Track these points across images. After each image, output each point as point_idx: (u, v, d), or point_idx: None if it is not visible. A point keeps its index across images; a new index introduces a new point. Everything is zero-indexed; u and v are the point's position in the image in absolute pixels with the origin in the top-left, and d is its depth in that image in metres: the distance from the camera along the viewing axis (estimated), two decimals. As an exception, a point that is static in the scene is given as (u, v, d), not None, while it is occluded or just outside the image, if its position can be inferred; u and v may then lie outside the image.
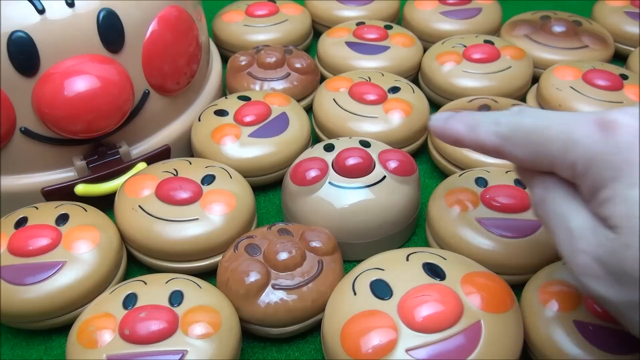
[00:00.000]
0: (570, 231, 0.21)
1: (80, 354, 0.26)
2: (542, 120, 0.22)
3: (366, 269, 0.28)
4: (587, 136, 0.20)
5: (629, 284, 0.19)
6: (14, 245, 0.30)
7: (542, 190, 0.23)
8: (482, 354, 0.24)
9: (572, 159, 0.21)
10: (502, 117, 0.24)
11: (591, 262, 0.20)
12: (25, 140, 0.34)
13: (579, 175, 0.21)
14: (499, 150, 0.24)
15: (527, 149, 0.23)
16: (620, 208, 0.19)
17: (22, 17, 0.31)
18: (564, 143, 0.21)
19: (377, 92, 0.40)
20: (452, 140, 0.27)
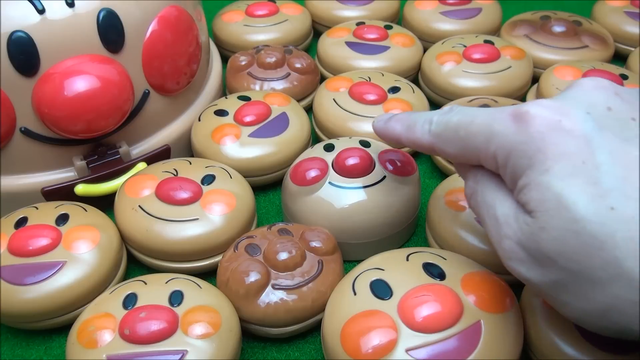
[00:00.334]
0: (496, 219, 0.23)
1: (80, 354, 0.26)
2: (467, 116, 0.24)
3: (366, 269, 0.28)
4: (504, 128, 0.22)
5: (548, 266, 0.21)
6: (14, 245, 0.30)
7: (472, 183, 0.25)
8: (482, 354, 0.24)
9: (493, 151, 0.22)
10: (434, 115, 0.26)
11: (514, 246, 0.22)
12: (25, 140, 0.34)
13: (500, 165, 0.22)
14: (432, 148, 0.26)
15: (456, 144, 0.24)
16: (535, 193, 0.21)
17: (22, 17, 0.31)
18: (485, 136, 0.22)
19: (377, 92, 0.40)
20: (392, 139, 0.29)
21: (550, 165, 0.20)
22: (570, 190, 0.20)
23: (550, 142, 0.20)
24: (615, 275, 0.19)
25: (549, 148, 0.20)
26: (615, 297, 0.19)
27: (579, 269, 0.20)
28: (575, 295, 0.20)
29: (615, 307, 0.20)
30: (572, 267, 0.20)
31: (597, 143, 0.20)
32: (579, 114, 0.21)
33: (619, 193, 0.19)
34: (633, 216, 0.19)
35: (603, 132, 0.20)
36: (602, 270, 0.19)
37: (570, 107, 0.21)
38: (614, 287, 0.19)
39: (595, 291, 0.20)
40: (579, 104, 0.21)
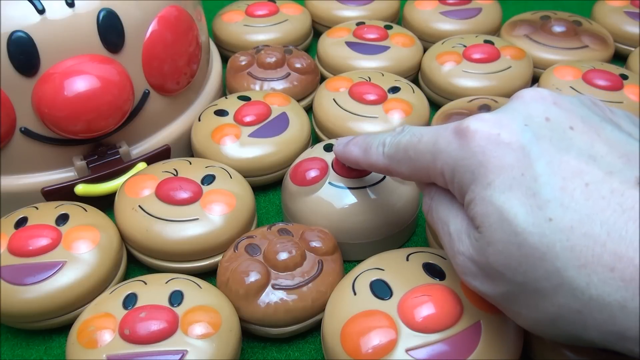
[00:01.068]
0: (449, 235, 0.23)
1: (80, 354, 0.26)
2: (415, 136, 0.24)
3: (366, 269, 0.28)
4: (447, 144, 0.22)
5: (498, 279, 0.21)
6: (14, 245, 0.30)
7: (428, 199, 0.25)
8: (482, 354, 0.24)
9: (439, 168, 0.23)
10: (387, 137, 0.26)
11: (467, 262, 0.22)
12: (25, 140, 0.34)
13: (448, 181, 0.23)
14: (387, 170, 0.26)
15: (407, 164, 0.25)
16: (479, 208, 0.21)
17: (22, 17, 0.31)
18: (432, 154, 0.23)
19: (377, 92, 0.40)
20: (352, 163, 0.30)
21: (492, 179, 0.20)
22: (511, 204, 0.20)
23: (491, 156, 0.21)
24: (557, 285, 0.19)
25: (489, 162, 0.21)
26: (561, 307, 0.19)
27: (524, 280, 0.20)
28: (525, 306, 0.21)
29: (562, 316, 0.20)
30: (518, 279, 0.20)
31: (536, 154, 0.20)
32: (517, 126, 0.21)
33: (556, 203, 0.19)
34: (571, 226, 0.19)
35: (541, 142, 0.20)
36: (545, 280, 0.19)
37: (509, 120, 0.21)
38: (559, 297, 0.19)
39: (542, 301, 0.20)
40: (517, 116, 0.21)
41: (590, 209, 0.19)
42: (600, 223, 0.18)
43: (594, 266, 0.18)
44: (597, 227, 0.18)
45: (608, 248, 0.18)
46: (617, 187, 0.19)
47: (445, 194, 0.24)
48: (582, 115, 0.21)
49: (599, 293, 0.18)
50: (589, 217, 0.19)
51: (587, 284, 0.19)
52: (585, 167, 0.20)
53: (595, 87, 0.40)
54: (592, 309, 0.19)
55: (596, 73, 0.41)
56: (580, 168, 0.20)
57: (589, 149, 0.20)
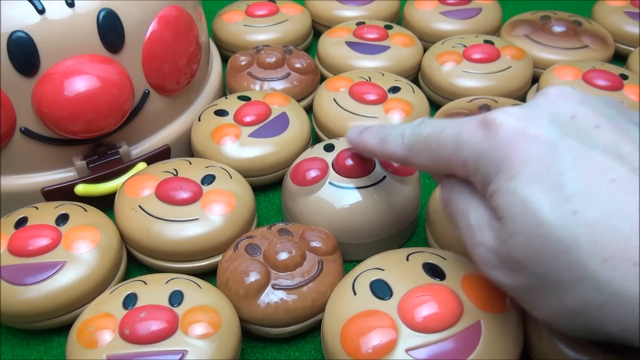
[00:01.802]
0: (470, 226, 0.23)
1: (80, 354, 0.26)
2: (437, 128, 0.24)
3: (366, 269, 0.28)
4: (472, 136, 0.22)
5: (519, 270, 0.21)
6: (14, 245, 0.30)
7: (447, 191, 0.25)
8: (482, 354, 0.24)
9: (463, 159, 0.23)
10: (406, 129, 0.26)
11: (488, 253, 0.22)
12: (25, 140, 0.34)
13: (471, 173, 0.23)
14: (406, 160, 0.26)
15: (428, 156, 0.25)
16: (503, 199, 0.21)
17: (22, 17, 0.31)
18: (455, 145, 0.23)
19: (377, 92, 0.40)
20: (366, 151, 0.29)
21: (516, 172, 0.21)
22: (536, 196, 0.20)
23: (517, 149, 0.21)
24: (580, 278, 0.19)
25: (515, 154, 0.21)
26: (583, 300, 0.20)
27: (546, 272, 0.20)
28: (545, 299, 0.21)
29: (583, 310, 0.20)
30: (540, 271, 0.20)
31: (562, 149, 0.20)
32: (544, 121, 0.21)
33: (582, 197, 0.19)
34: (596, 220, 0.19)
35: (567, 138, 0.21)
36: (568, 273, 0.19)
37: (536, 115, 0.21)
38: (580, 290, 0.19)
39: (563, 294, 0.20)
40: (544, 111, 0.22)
41: (615, 204, 0.19)
42: (625, 218, 0.19)
43: (618, 260, 0.18)
44: (622, 222, 0.19)
45: (632, 243, 0.18)
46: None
47: (465, 185, 0.24)
48: (607, 115, 0.21)
49: (621, 288, 0.18)
50: (614, 212, 0.19)
51: (610, 278, 0.19)
52: (611, 164, 0.20)
53: (595, 87, 0.40)
54: (614, 303, 0.19)
55: (596, 73, 0.41)
56: (606, 164, 0.20)
57: (614, 147, 0.20)
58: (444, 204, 0.26)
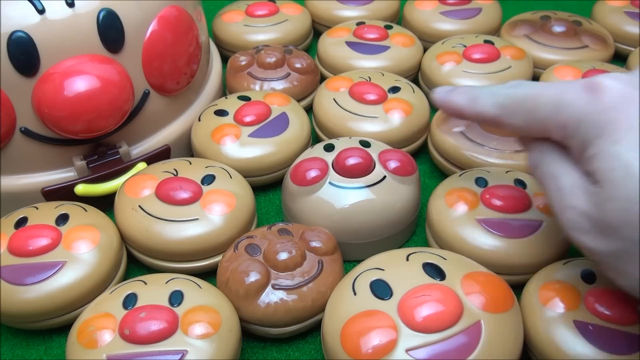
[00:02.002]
0: (560, 190, 0.23)
1: (80, 354, 0.26)
2: (535, 88, 0.24)
3: (366, 269, 0.28)
4: (576, 99, 0.22)
5: (612, 235, 0.21)
6: (14, 245, 0.30)
7: (537, 154, 0.25)
8: (482, 354, 0.24)
9: (562, 121, 0.23)
10: (500, 89, 0.26)
11: (578, 217, 0.22)
12: (25, 140, 0.34)
13: (569, 135, 0.23)
14: (497, 120, 0.26)
15: (523, 116, 0.24)
16: (603, 163, 0.21)
17: (22, 17, 0.31)
18: (555, 107, 0.23)
19: (377, 92, 0.40)
20: (454, 111, 0.29)
21: (620, 136, 0.20)
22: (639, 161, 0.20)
23: (623, 113, 0.21)
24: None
25: (620, 119, 0.21)
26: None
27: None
28: (637, 265, 0.21)
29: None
30: (635, 236, 0.20)
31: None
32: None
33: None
34: None
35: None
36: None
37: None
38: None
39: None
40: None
41: None
42: None
43: None
44: None
45: None
46: None
47: (556, 148, 0.24)
48: None
49: None
50: None
51: None
52: None
53: (595, 87, 0.40)
54: None
55: (596, 73, 0.41)
56: None
57: None
58: (532, 166, 0.25)
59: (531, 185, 0.33)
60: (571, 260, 0.29)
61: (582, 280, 0.28)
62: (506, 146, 0.36)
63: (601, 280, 0.28)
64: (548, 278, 0.28)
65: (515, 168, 0.35)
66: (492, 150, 0.36)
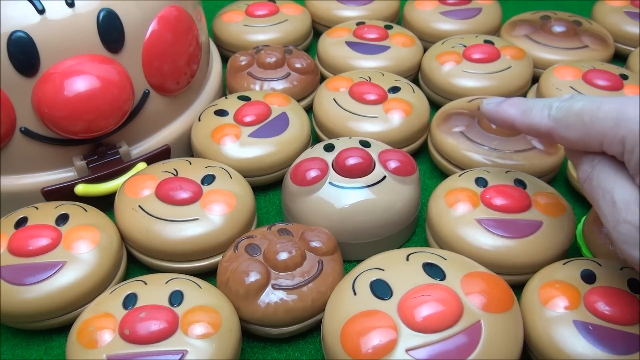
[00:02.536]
0: (614, 203, 0.23)
1: (80, 354, 0.26)
2: (593, 102, 0.24)
3: (366, 269, 0.28)
4: (637, 114, 0.22)
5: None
6: (14, 245, 0.30)
7: (588, 167, 0.25)
8: (482, 354, 0.24)
9: (622, 135, 0.23)
10: (554, 102, 0.26)
11: (633, 231, 0.22)
12: (25, 140, 0.34)
13: (627, 150, 0.23)
14: (551, 133, 0.26)
15: (578, 130, 0.24)
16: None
17: (22, 17, 0.31)
18: (615, 120, 0.23)
19: (377, 92, 0.40)
20: (505, 123, 0.29)
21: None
22: None
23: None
24: None
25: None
26: None
27: None
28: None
29: None
30: None
31: None
32: None
33: None
34: None
35: None
36: None
37: None
38: None
39: None
40: None
41: None
42: None
43: None
44: None
45: None
46: None
47: (611, 163, 0.24)
48: None
49: None
50: None
51: None
52: None
53: (595, 87, 0.40)
54: None
55: (596, 73, 0.41)
56: None
57: None
58: (582, 179, 0.25)
59: (531, 185, 0.33)
60: (571, 260, 0.29)
61: (582, 280, 0.28)
62: (506, 146, 0.36)
63: (601, 280, 0.28)
64: (548, 278, 0.28)
65: (515, 168, 0.35)
66: (492, 150, 0.36)
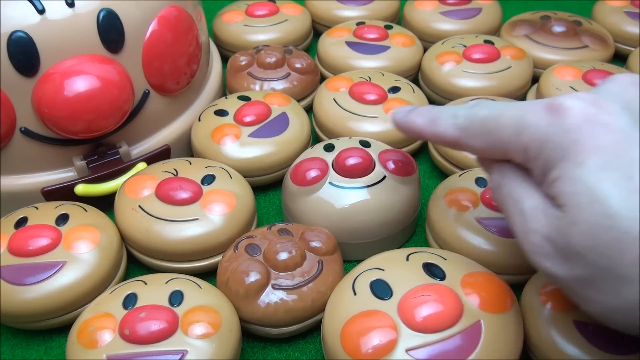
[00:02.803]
0: (522, 212, 0.22)
1: (80, 354, 0.26)
2: (496, 109, 0.23)
3: (366, 269, 0.28)
4: (538, 120, 0.21)
5: (576, 260, 0.20)
6: (14, 245, 0.30)
7: (498, 176, 0.24)
8: (482, 354, 0.24)
9: (524, 143, 0.22)
10: (459, 109, 0.25)
11: (541, 240, 0.21)
12: (25, 140, 0.34)
13: (531, 158, 0.22)
14: (457, 142, 0.25)
15: (483, 138, 0.24)
16: (567, 187, 0.20)
17: (22, 17, 0.31)
18: (517, 128, 0.22)
19: (377, 92, 0.40)
20: (414, 133, 0.28)
21: (584, 159, 0.20)
22: (604, 184, 0.19)
23: (586, 135, 0.20)
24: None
25: (584, 141, 0.20)
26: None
27: (608, 264, 0.19)
28: (602, 291, 0.20)
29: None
30: (601, 262, 0.19)
31: (633, 138, 0.20)
32: (615, 108, 0.21)
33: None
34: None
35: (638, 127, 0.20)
36: (633, 266, 0.19)
37: (607, 101, 0.21)
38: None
39: (624, 288, 0.19)
40: (614, 98, 0.21)
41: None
42: None
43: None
44: None
45: None
46: None
47: (518, 171, 0.23)
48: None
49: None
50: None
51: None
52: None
53: (595, 87, 0.40)
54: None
55: (596, 73, 0.41)
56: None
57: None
58: (493, 188, 0.25)
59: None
60: (571, 260, 0.29)
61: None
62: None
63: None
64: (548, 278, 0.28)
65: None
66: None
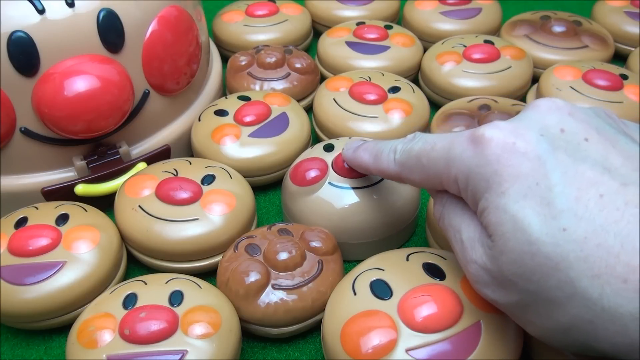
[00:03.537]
0: (462, 243, 0.23)
1: (80, 354, 0.26)
2: (428, 143, 0.24)
3: (366, 269, 0.28)
4: (462, 152, 0.22)
5: (510, 288, 0.21)
6: (14, 245, 0.30)
7: (440, 207, 0.25)
8: (482, 354, 0.24)
9: (454, 175, 0.23)
10: (399, 144, 0.26)
11: (479, 270, 0.22)
12: (25, 140, 0.34)
13: (462, 189, 0.23)
14: (399, 177, 0.26)
15: (420, 172, 0.25)
16: (493, 217, 0.21)
17: (22, 17, 0.31)
18: (446, 161, 0.23)
19: (377, 92, 0.40)
20: (362, 169, 0.29)
21: (506, 188, 0.20)
22: (525, 212, 0.20)
23: (506, 164, 0.21)
24: (570, 295, 0.19)
25: (504, 170, 0.21)
26: (573, 317, 0.19)
27: (537, 289, 0.20)
28: (538, 315, 0.21)
29: (575, 326, 0.20)
30: (531, 288, 0.20)
31: (551, 164, 0.20)
32: (533, 135, 0.21)
33: (571, 214, 0.19)
34: (585, 237, 0.19)
35: (557, 153, 0.20)
36: (558, 290, 0.19)
37: (525, 129, 0.21)
38: (571, 307, 0.19)
39: (555, 311, 0.20)
40: (533, 125, 0.21)
41: (604, 220, 0.19)
42: (614, 234, 0.18)
43: (607, 277, 0.18)
44: (610, 238, 0.18)
45: (621, 259, 0.18)
46: (631, 198, 0.19)
47: (457, 201, 0.24)
48: (596, 127, 0.21)
49: (611, 304, 0.18)
50: (602, 228, 0.19)
51: (600, 294, 0.19)
52: (600, 178, 0.19)
53: (595, 87, 0.40)
54: (604, 319, 0.19)
55: (596, 73, 0.41)
56: (595, 179, 0.20)
57: (603, 161, 0.20)
58: (437, 218, 0.25)
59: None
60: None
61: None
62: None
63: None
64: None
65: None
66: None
